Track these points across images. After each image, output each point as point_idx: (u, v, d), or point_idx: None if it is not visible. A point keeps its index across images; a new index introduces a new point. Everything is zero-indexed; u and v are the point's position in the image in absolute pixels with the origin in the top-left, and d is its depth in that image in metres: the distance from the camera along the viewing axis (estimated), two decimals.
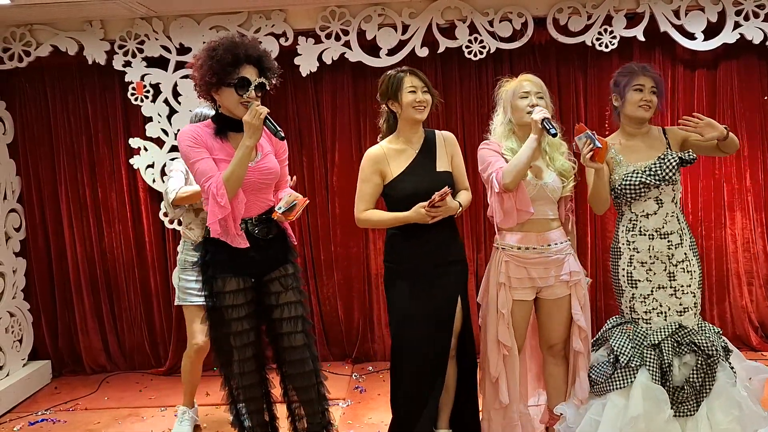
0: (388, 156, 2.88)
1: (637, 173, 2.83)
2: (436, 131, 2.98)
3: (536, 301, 2.97)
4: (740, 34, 4.00)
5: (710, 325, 2.94)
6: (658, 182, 2.80)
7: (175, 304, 3.52)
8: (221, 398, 2.91)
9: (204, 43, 4.05)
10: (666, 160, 2.81)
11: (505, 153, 2.86)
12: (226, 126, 2.70)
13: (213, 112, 3.29)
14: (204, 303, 3.37)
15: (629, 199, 2.87)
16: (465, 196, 2.94)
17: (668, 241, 2.85)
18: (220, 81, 2.60)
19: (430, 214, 2.74)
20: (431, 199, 2.72)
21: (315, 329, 3.00)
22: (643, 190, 2.82)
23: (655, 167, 2.81)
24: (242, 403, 2.82)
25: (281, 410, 2.98)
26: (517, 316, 2.90)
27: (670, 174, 2.80)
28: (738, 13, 3.98)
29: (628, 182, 2.83)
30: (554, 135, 2.71)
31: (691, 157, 2.83)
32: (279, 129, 2.60)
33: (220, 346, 2.78)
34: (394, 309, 2.93)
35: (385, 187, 2.89)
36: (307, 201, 2.80)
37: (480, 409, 3.12)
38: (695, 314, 2.90)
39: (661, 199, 2.85)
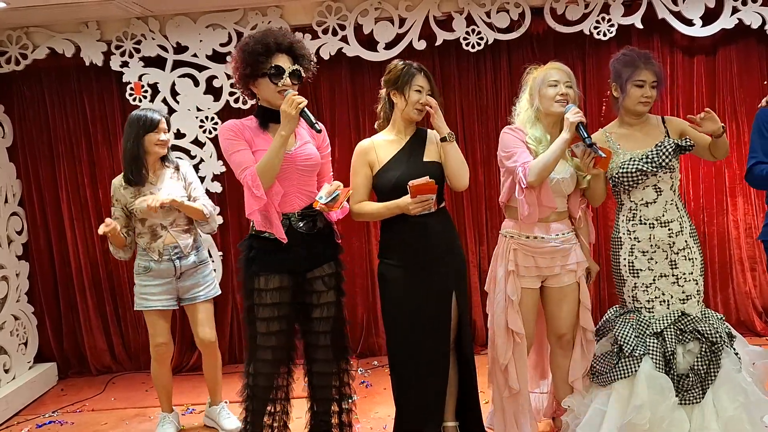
0: (376, 146, 2.89)
1: (634, 161, 2.82)
2: (428, 130, 2.96)
3: (542, 291, 2.97)
4: (738, 19, 3.98)
5: (713, 312, 2.94)
6: (655, 169, 2.80)
7: (134, 309, 3.50)
8: (237, 393, 2.89)
9: (201, 41, 4.10)
10: (663, 148, 2.80)
11: (529, 142, 2.83)
12: (267, 117, 2.71)
13: (155, 115, 3.30)
14: (165, 308, 3.39)
15: (627, 188, 2.86)
16: None
17: (669, 230, 2.84)
18: (254, 72, 2.62)
19: (413, 205, 2.71)
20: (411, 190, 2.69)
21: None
22: (640, 177, 2.81)
23: (652, 154, 2.80)
24: (252, 400, 2.82)
25: (300, 405, 2.99)
26: (525, 305, 2.90)
27: (667, 161, 2.79)
28: None
29: (625, 170, 2.82)
30: (590, 145, 2.71)
31: (688, 144, 2.82)
32: (316, 121, 2.61)
33: (254, 344, 2.76)
34: (388, 305, 2.93)
35: (374, 178, 2.89)
36: (351, 190, 2.78)
37: (488, 400, 3.14)
38: (698, 302, 2.89)
39: (659, 187, 2.84)
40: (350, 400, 2.97)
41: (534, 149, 2.82)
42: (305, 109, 2.57)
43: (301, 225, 2.72)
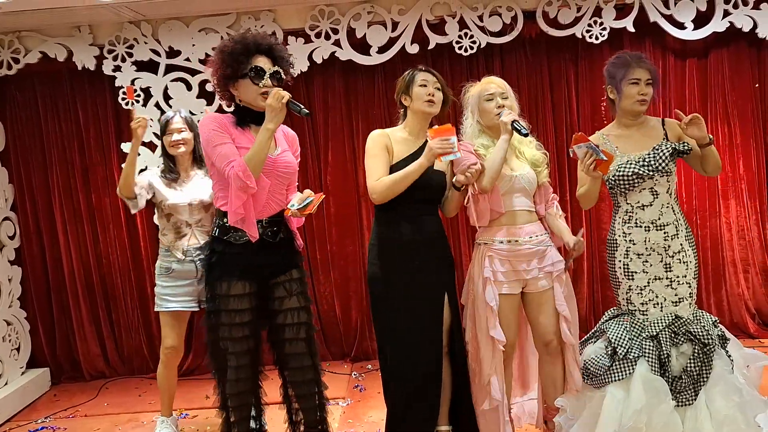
0: (392, 138, 2.87)
1: (631, 164, 2.82)
2: None
3: (524, 298, 2.97)
4: (730, 22, 4.00)
5: (707, 315, 2.94)
6: (651, 173, 2.79)
7: (154, 310, 3.48)
8: (213, 402, 2.88)
9: (193, 45, 4.10)
10: (660, 151, 2.80)
11: (479, 149, 2.88)
12: (247, 117, 2.69)
13: (168, 115, 3.36)
14: (184, 308, 3.37)
15: (623, 190, 2.86)
16: None
17: (664, 233, 2.85)
18: (235, 73, 2.62)
19: (436, 144, 2.64)
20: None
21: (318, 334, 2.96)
22: (636, 180, 2.82)
23: (649, 158, 2.80)
24: (232, 408, 2.80)
25: (280, 414, 2.97)
26: (506, 311, 2.90)
27: (664, 164, 2.79)
28: (727, 2, 3.98)
29: (621, 173, 2.82)
30: (525, 135, 2.79)
31: (686, 147, 2.82)
32: (302, 107, 2.58)
33: (217, 350, 2.74)
34: (381, 307, 2.90)
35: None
36: (323, 196, 2.78)
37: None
38: (690, 304, 2.90)
39: (656, 190, 2.84)
40: (326, 410, 2.93)
41: (484, 153, 2.88)
42: (291, 99, 2.56)
43: (267, 232, 2.71)
